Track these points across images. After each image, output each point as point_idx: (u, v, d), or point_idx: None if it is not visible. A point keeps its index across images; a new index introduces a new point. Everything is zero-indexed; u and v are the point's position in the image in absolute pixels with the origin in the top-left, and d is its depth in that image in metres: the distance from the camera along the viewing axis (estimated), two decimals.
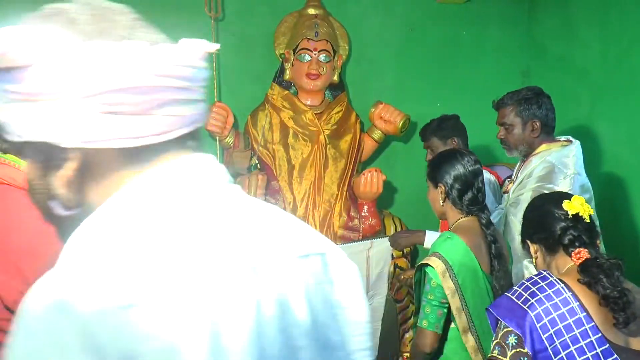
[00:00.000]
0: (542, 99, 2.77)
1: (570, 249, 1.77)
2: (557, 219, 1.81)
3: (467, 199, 2.30)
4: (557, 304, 1.62)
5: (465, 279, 2.14)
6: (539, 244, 1.89)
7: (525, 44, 4.63)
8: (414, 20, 4.46)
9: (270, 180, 3.79)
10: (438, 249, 2.19)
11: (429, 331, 2.14)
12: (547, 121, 2.76)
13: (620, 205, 3.58)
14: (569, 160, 2.66)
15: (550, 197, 1.98)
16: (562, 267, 1.81)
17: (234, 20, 4.17)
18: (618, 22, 3.64)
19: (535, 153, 2.75)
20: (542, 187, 2.58)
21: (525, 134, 2.77)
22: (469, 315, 2.14)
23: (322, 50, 3.86)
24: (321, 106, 3.96)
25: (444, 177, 2.31)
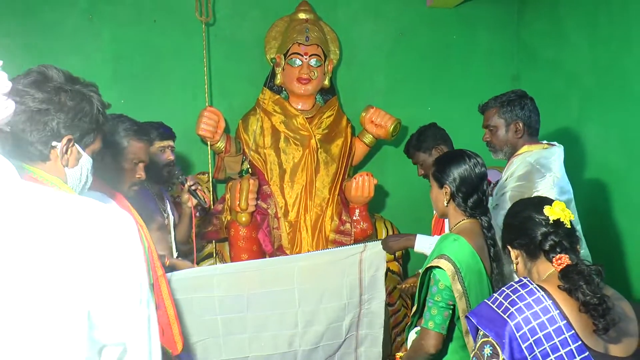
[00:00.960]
0: (525, 101, 2.79)
1: (551, 255, 1.76)
2: (537, 224, 1.80)
3: (472, 201, 2.26)
4: (537, 312, 1.61)
5: (471, 282, 2.14)
6: (519, 249, 1.88)
7: (515, 47, 4.66)
8: (405, 25, 4.48)
9: (262, 184, 3.79)
10: (446, 251, 2.16)
11: (435, 332, 2.13)
12: (530, 123, 2.78)
13: (609, 209, 3.60)
14: (548, 162, 2.68)
15: (531, 202, 1.95)
16: (543, 272, 1.79)
17: (224, 24, 4.17)
18: (607, 26, 3.66)
19: (517, 154, 2.78)
20: (521, 186, 2.61)
21: (509, 135, 2.79)
22: None
23: (313, 54, 3.86)
24: (312, 110, 3.97)
25: (450, 179, 2.26)
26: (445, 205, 2.31)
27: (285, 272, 2.97)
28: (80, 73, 3.98)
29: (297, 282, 2.98)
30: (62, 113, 1.46)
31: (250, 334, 2.95)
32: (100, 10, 3.98)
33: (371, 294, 3.14)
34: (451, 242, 2.19)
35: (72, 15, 3.94)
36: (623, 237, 3.51)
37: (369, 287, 3.12)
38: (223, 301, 2.84)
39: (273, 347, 2.99)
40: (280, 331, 3.01)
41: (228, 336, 2.91)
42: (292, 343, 3.05)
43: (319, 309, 3.05)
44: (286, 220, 3.78)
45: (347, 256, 3.05)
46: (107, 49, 4.00)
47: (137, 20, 4.04)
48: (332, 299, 3.06)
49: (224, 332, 2.89)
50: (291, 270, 2.97)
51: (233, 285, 2.87)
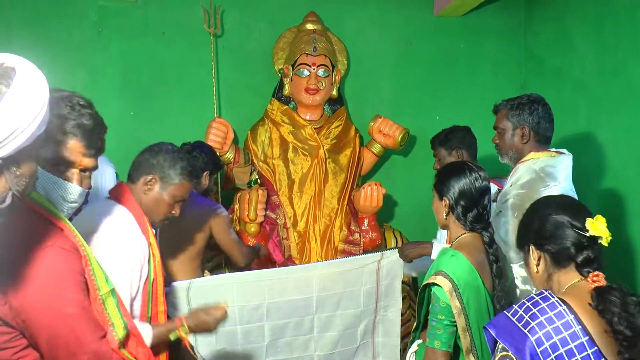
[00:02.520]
0: (536, 107, 2.72)
1: (586, 269, 1.65)
2: (572, 234, 1.67)
3: (472, 216, 2.22)
4: (559, 327, 1.52)
5: (469, 298, 2.09)
6: (544, 252, 1.73)
7: (522, 56, 4.66)
8: (412, 34, 4.49)
9: (271, 195, 3.80)
10: (443, 267, 2.13)
11: (441, 351, 2.09)
12: (538, 129, 2.70)
13: (619, 216, 3.58)
14: (555, 171, 2.60)
15: (563, 204, 1.77)
16: (565, 282, 1.68)
17: (232, 36, 4.20)
18: (613, 34, 3.66)
19: (523, 161, 2.69)
20: (522, 194, 2.54)
21: (515, 139, 2.73)
22: (471, 335, 2.09)
23: (321, 65, 3.88)
24: (320, 121, 3.98)
25: (450, 192, 2.23)
26: (445, 218, 2.28)
27: (304, 280, 2.98)
28: (89, 85, 4.07)
29: (315, 290, 2.99)
30: None
31: (268, 342, 2.97)
32: (109, 23, 4.02)
33: (387, 302, 3.15)
34: (449, 257, 2.16)
35: (81, 28, 3.99)
36: (634, 243, 3.49)
37: (386, 295, 3.13)
38: (243, 311, 2.85)
39: (288, 351, 3.01)
40: (296, 337, 3.03)
41: (246, 345, 2.93)
42: (307, 347, 3.07)
43: (336, 314, 3.07)
44: (295, 230, 3.78)
45: (365, 264, 3.07)
46: (116, 61, 4.04)
47: (146, 32, 4.07)
48: (349, 306, 3.07)
49: (242, 341, 2.92)
50: (310, 278, 2.98)
51: (253, 294, 2.88)
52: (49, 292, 1.47)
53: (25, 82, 1.20)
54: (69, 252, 1.53)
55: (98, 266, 1.64)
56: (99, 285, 1.61)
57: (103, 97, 4.00)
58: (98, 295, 1.61)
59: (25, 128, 1.18)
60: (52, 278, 1.48)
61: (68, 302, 1.50)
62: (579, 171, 3.95)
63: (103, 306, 1.63)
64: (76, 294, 1.53)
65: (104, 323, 1.62)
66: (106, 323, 1.63)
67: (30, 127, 1.19)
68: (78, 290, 1.54)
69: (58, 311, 1.48)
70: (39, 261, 1.45)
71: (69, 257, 1.53)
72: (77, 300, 1.53)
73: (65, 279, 1.51)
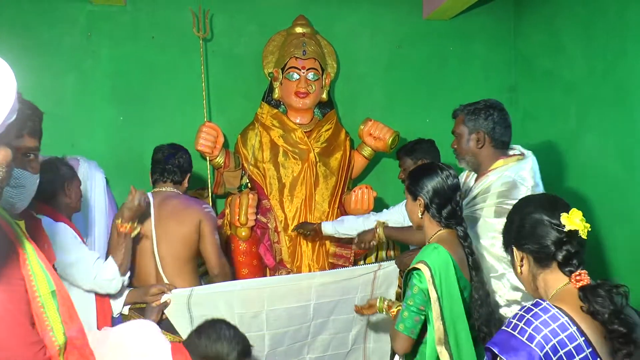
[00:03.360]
0: (492, 112, 2.72)
1: (567, 269, 1.64)
2: (550, 231, 1.66)
3: (446, 212, 2.33)
4: (556, 329, 1.50)
5: (445, 289, 2.18)
6: (526, 253, 1.73)
7: (512, 59, 4.67)
8: (401, 37, 4.50)
9: (262, 198, 3.79)
10: (425, 258, 2.23)
11: (403, 335, 2.21)
12: (493, 134, 2.71)
13: (608, 218, 3.59)
14: (526, 173, 2.64)
15: (541, 202, 1.77)
16: (552, 282, 1.67)
17: (222, 40, 4.20)
18: (603, 36, 3.68)
19: (492, 168, 2.70)
20: (504, 202, 2.56)
21: (471, 144, 2.74)
22: (444, 325, 2.17)
23: (311, 68, 3.88)
24: (311, 124, 3.97)
25: (424, 191, 2.33)
26: (420, 217, 2.38)
27: (303, 288, 2.98)
28: (79, 90, 4.06)
29: (313, 298, 3.00)
30: None
31: (267, 352, 2.97)
32: (98, 27, 4.01)
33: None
34: (431, 250, 2.25)
35: (70, 33, 3.97)
36: (623, 246, 3.50)
37: None
38: (243, 319, 2.85)
39: (283, 357, 3.03)
40: (293, 344, 3.04)
41: None
42: (301, 352, 3.08)
43: (329, 319, 3.08)
44: (286, 234, 3.77)
45: (362, 274, 3.09)
46: (105, 66, 4.03)
47: (135, 37, 4.06)
48: (343, 311, 3.10)
49: None
50: (309, 287, 2.98)
51: (253, 302, 2.88)
52: None
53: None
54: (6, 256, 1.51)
55: (39, 266, 1.59)
56: (37, 286, 1.57)
57: (92, 102, 4.00)
58: (37, 297, 1.56)
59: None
60: None
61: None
62: (568, 173, 3.98)
63: (42, 309, 1.57)
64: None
65: (42, 327, 1.57)
66: (45, 328, 1.57)
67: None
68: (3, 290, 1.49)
69: None
70: None
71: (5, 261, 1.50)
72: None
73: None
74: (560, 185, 4.03)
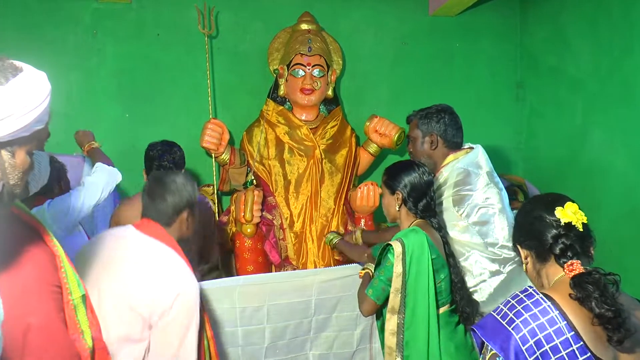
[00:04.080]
0: (443, 115, 2.90)
1: (562, 260, 1.68)
2: (548, 226, 1.72)
3: (422, 205, 2.53)
4: (544, 324, 1.54)
5: (414, 267, 2.36)
6: (529, 250, 1.79)
7: (518, 55, 4.67)
8: (407, 34, 4.50)
9: (267, 195, 3.79)
10: (402, 236, 2.42)
11: (370, 299, 2.43)
12: (445, 136, 2.88)
13: (615, 214, 3.58)
14: (478, 160, 2.84)
15: (543, 200, 1.83)
16: (552, 276, 1.71)
17: (227, 37, 4.20)
18: (609, 33, 3.66)
19: (444, 164, 2.87)
20: (461, 190, 2.75)
21: (425, 147, 2.91)
22: (403, 298, 2.37)
23: (316, 65, 3.87)
24: (316, 121, 3.97)
25: (401, 185, 2.53)
26: (397, 210, 2.57)
27: (305, 284, 3.00)
28: (84, 88, 4.06)
29: (315, 294, 3.01)
30: None
31: (268, 344, 2.98)
32: (103, 25, 4.02)
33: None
34: (409, 230, 2.46)
35: (75, 30, 3.98)
36: (630, 242, 3.49)
37: None
38: (244, 312, 2.87)
39: (286, 352, 3.04)
40: (294, 338, 3.05)
41: (247, 347, 2.94)
42: (303, 347, 3.08)
43: (332, 316, 3.08)
44: (292, 231, 3.77)
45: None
46: (111, 63, 4.04)
47: (140, 34, 4.07)
48: (345, 309, 3.09)
49: (243, 342, 2.93)
50: (311, 282, 2.99)
51: (254, 296, 2.89)
52: (18, 300, 1.45)
53: (29, 78, 1.34)
54: (44, 259, 1.53)
55: (71, 270, 1.62)
56: (71, 288, 1.59)
57: (98, 99, 4.01)
58: (70, 300, 1.59)
59: (20, 117, 1.29)
60: (22, 286, 1.46)
61: (33, 311, 1.48)
62: (575, 169, 3.97)
63: (74, 312, 1.60)
64: (44, 304, 1.51)
65: (74, 329, 1.60)
66: (77, 331, 1.60)
67: (24, 118, 1.31)
68: (47, 300, 1.52)
69: (22, 321, 1.46)
70: (17, 267, 1.45)
71: (43, 265, 1.52)
72: (44, 310, 1.51)
73: (35, 287, 1.49)
74: (566, 181, 4.02)
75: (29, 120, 1.32)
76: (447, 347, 2.44)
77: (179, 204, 2.27)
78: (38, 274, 1.50)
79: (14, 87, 1.30)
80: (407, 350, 2.39)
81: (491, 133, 4.56)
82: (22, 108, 1.30)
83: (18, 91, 1.30)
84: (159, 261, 2.17)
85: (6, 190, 1.33)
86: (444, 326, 2.47)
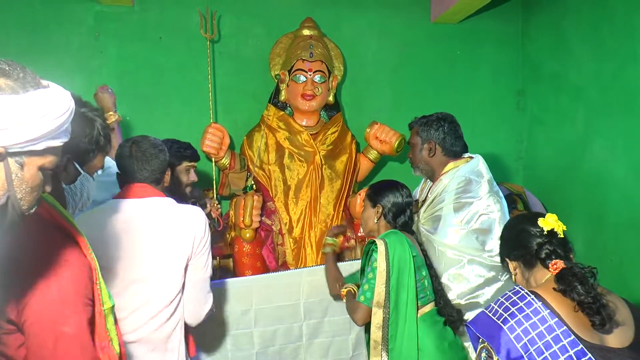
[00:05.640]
0: (442, 124, 2.95)
1: (547, 262, 1.86)
2: (533, 236, 1.92)
3: (400, 221, 2.67)
4: (529, 314, 1.71)
5: (396, 264, 2.45)
6: (516, 261, 1.98)
7: (520, 62, 4.66)
8: (409, 40, 4.50)
9: (266, 200, 3.78)
10: (384, 236, 2.54)
11: (364, 306, 2.47)
12: (444, 144, 2.93)
13: (616, 222, 3.58)
14: (478, 169, 2.88)
15: (525, 216, 2.08)
16: (539, 279, 1.89)
17: (229, 41, 4.20)
18: (611, 41, 3.66)
19: (445, 172, 2.92)
20: (461, 197, 2.79)
21: (423, 153, 2.98)
22: (387, 292, 2.44)
23: (317, 70, 3.87)
24: (317, 127, 3.97)
25: (384, 199, 2.66)
26: (375, 222, 2.68)
27: (291, 286, 2.99)
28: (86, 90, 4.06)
29: (303, 297, 3.00)
30: None
31: (257, 350, 2.96)
32: (106, 27, 4.03)
33: None
34: (389, 232, 2.58)
35: (78, 33, 3.99)
36: (631, 251, 3.48)
37: None
38: (231, 317, 2.86)
39: (278, 358, 3.02)
40: (286, 344, 3.03)
41: (236, 352, 2.92)
42: (297, 355, 3.06)
43: (324, 321, 3.07)
44: (290, 236, 3.77)
45: (352, 271, 3.05)
46: (113, 66, 4.04)
47: (143, 37, 4.08)
48: (337, 313, 3.08)
49: (232, 347, 2.91)
50: (297, 285, 2.98)
51: (240, 300, 2.89)
52: (53, 307, 1.46)
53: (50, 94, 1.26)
54: (82, 271, 1.53)
55: (103, 281, 1.63)
56: (103, 299, 1.61)
57: None
58: (102, 310, 1.60)
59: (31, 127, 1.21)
60: (59, 294, 1.47)
61: (68, 320, 1.49)
62: (576, 177, 3.96)
63: (105, 320, 1.62)
64: (78, 315, 1.51)
65: (103, 337, 1.62)
66: (106, 337, 1.63)
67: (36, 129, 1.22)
68: (81, 311, 1.52)
69: (55, 328, 1.47)
70: (52, 276, 1.46)
71: (80, 276, 1.52)
72: (77, 321, 1.51)
73: (71, 297, 1.49)
74: (567, 190, 4.02)
75: (41, 132, 1.24)
76: (441, 344, 2.52)
77: (166, 160, 2.38)
78: (76, 286, 1.51)
79: (31, 98, 1.24)
80: (392, 343, 2.46)
81: (492, 140, 4.56)
82: (34, 119, 1.23)
83: (34, 102, 1.24)
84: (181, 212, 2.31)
85: (11, 203, 1.27)
86: (433, 324, 2.54)
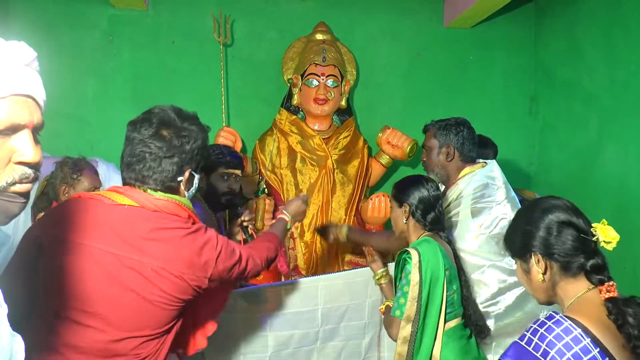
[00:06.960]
0: (462, 129, 2.91)
1: (598, 277, 1.58)
2: (580, 241, 1.60)
3: (431, 217, 2.51)
4: (569, 343, 1.45)
5: (428, 276, 2.34)
6: (553, 261, 1.63)
7: (532, 68, 4.65)
8: (421, 45, 4.49)
9: (278, 204, 3.79)
10: (417, 245, 2.41)
11: (399, 320, 2.36)
12: (462, 149, 2.88)
13: (630, 230, 3.55)
14: (494, 174, 2.84)
15: (569, 210, 1.67)
16: (571, 292, 1.60)
17: (242, 45, 4.21)
18: (624, 46, 3.64)
19: (461, 176, 2.87)
20: (478, 202, 2.74)
21: (440, 157, 2.91)
22: (419, 307, 2.33)
23: (330, 75, 3.87)
24: (329, 131, 3.97)
25: (410, 198, 2.52)
26: (405, 222, 2.55)
27: (309, 292, 2.97)
28: (99, 92, 4.08)
29: (321, 303, 2.98)
30: (183, 154, 1.79)
31: (271, 352, 2.95)
32: (119, 31, 4.04)
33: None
34: (422, 240, 2.45)
35: (92, 36, 4.01)
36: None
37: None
38: (245, 321, 2.84)
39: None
40: (299, 348, 3.01)
41: (249, 355, 2.91)
42: (310, 356, 3.05)
43: (340, 326, 3.05)
44: (302, 240, 3.77)
45: (371, 276, 3.05)
46: (126, 69, 4.06)
47: (156, 41, 4.09)
48: (354, 318, 3.05)
49: (245, 351, 2.90)
50: (315, 290, 2.97)
51: (255, 307, 2.88)
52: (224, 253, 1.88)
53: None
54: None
55: None
56: None
57: (113, 104, 4.03)
58: None
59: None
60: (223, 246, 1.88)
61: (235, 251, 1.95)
62: (589, 184, 3.94)
63: None
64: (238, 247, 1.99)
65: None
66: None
67: None
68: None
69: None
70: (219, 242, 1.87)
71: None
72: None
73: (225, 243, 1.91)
74: (579, 196, 3.99)
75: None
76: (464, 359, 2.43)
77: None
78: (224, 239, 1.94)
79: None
80: (416, 358, 2.39)
81: (504, 146, 4.53)
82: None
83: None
84: None
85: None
86: (458, 339, 2.45)
